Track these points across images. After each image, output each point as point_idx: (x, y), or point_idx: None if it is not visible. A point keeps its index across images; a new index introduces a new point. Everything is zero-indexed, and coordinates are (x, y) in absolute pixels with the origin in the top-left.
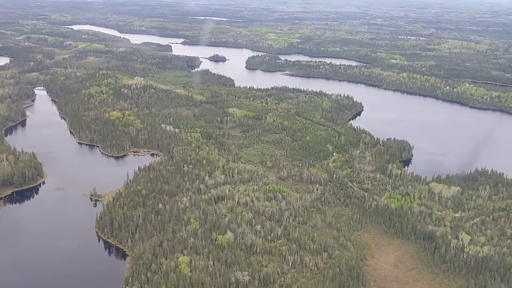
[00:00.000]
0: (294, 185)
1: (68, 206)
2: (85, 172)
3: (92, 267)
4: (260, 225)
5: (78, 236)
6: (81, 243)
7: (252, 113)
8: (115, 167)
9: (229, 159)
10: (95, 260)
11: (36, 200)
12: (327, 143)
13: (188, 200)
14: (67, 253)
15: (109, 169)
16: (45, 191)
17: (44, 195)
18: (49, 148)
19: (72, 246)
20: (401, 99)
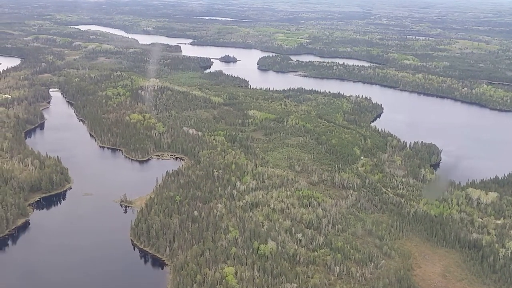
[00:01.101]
0: (327, 191)
1: (99, 212)
2: (111, 177)
3: (130, 277)
4: (300, 234)
5: (112, 244)
6: (116, 252)
7: (273, 116)
8: (141, 171)
9: (257, 164)
10: (132, 270)
11: (65, 207)
12: (354, 147)
13: (224, 207)
14: (103, 262)
15: (135, 174)
16: (74, 197)
17: (73, 201)
18: (71, 152)
19: (107, 254)
20: (419, 100)
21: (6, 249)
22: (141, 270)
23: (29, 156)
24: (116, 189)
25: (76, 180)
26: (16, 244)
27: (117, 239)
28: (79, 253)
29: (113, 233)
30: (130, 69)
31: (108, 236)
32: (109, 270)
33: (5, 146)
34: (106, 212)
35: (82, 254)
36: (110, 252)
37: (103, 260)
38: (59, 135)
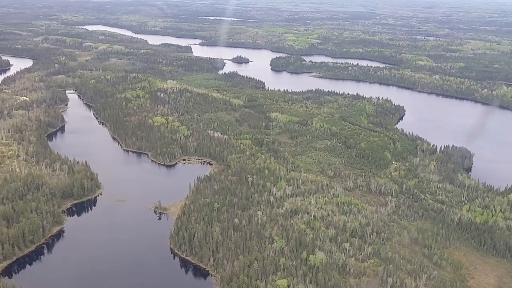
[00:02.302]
0: (363, 197)
1: (133, 219)
2: (140, 182)
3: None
4: (347, 243)
5: (151, 252)
6: (155, 260)
7: (297, 118)
8: (170, 176)
9: (289, 168)
10: (174, 279)
11: (98, 214)
12: (385, 151)
13: (265, 215)
14: (143, 271)
15: (164, 179)
16: (106, 203)
17: (106, 208)
18: (96, 156)
19: (146, 263)
20: (439, 102)
21: (43, 258)
22: (184, 280)
23: (57, 161)
24: (147, 195)
25: (105, 186)
26: (53, 253)
27: (155, 247)
28: (118, 262)
29: (150, 241)
30: (144, 70)
31: (145, 244)
32: (150, 279)
33: (30, 150)
34: (140, 219)
35: (121, 263)
36: (150, 261)
37: (143, 269)
38: (81, 139)
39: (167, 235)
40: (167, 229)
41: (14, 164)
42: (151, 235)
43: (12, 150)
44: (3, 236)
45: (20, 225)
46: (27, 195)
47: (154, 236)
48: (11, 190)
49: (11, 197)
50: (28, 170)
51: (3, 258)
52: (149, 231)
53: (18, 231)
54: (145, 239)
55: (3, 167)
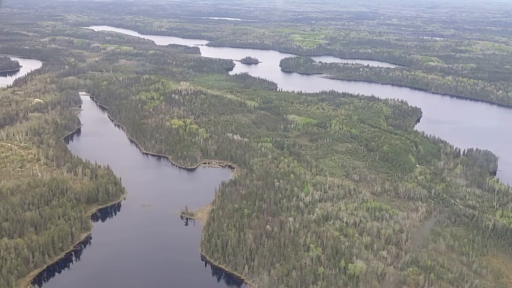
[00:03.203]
0: (392, 202)
1: (160, 225)
2: (163, 186)
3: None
4: (384, 251)
5: (182, 259)
6: (187, 268)
7: (315, 121)
8: (192, 180)
9: (314, 173)
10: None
11: (125, 219)
12: (408, 154)
13: (297, 221)
14: (174, 279)
15: (187, 183)
16: (131, 208)
17: (131, 213)
18: (116, 160)
19: (178, 270)
20: (454, 103)
21: (72, 266)
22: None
23: (79, 165)
24: (171, 199)
25: (128, 190)
26: (81, 260)
27: (185, 254)
28: (148, 269)
29: (180, 248)
30: (155, 72)
31: (175, 251)
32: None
33: (50, 154)
34: (167, 224)
35: (151, 270)
36: (181, 268)
37: (174, 276)
38: (99, 142)
39: (197, 241)
40: (196, 235)
41: (35, 168)
42: (180, 242)
43: (31, 154)
44: (33, 244)
45: (49, 232)
46: (52, 201)
47: (183, 242)
48: (36, 195)
49: (37, 203)
50: (50, 174)
51: (33, 266)
52: (177, 237)
53: (48, 238)
54: (174, 245)
55: (24, 171)
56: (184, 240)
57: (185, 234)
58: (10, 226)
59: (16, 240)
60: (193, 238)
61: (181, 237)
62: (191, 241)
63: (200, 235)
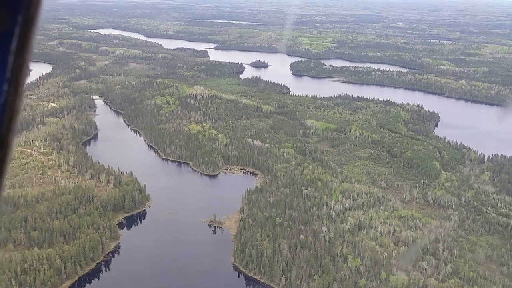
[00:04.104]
0: (422, 210)
1: (189, 234)
2: (186, 193)
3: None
4: (423, 261)
5: (213, 270)
6: (219, 279)
7: (334, 125)
8: (216, 187)
9: (340, 179)
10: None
11: (152, 227)
12: (432, 160)
13: (331, 231)
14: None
15: (210, 190)
16: (157, 216)
17: (158, 222)
18: (137, 166)
19: (211, 281)
20: (469, 108)
21: (103, 277)
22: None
23: (102, 171)
24: (197, 207)
25: (152, 197)
26: (112, 270)
27: (217, 264)
28: (180, 279)
29: (211, 257)
30: (166, 75)
31: (206, 260)
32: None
33: (71, 160)
34: (195, 233)
35: (183, 280)
36: (213, 279)
37: (208, 286)
38: (117, 147)
39: (227, 250)
40: (226, 244)
41: (57, 175)
42: (210, 251)
43: (52, 160)
44: (65, 254)
45: (80, 241)
46: (79, 209)
47: (213, 251)
48: (62, 204)
49: (64, 211)
50: (72, 181)
51: (66, 277)
52: (207, 247)
53: (79, 248)
54: (205, 254)
55: (46, 178)
56: (214, 249)
57: (215, 243)
58: (39, 235)
59: (47, 250)
60: (223, 248)
61: (211, 246)
62: (222, 251)
63: (231, 244)
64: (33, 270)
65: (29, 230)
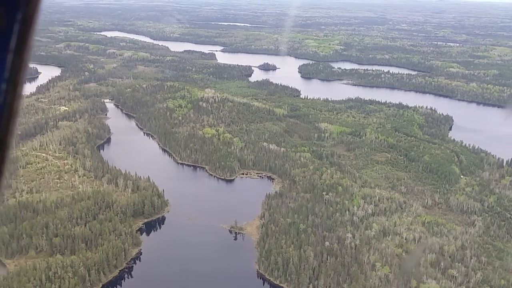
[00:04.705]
0: (445, 215)
1: (210, 240)
2: (204, 198)
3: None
4: (452, 269)
5: (238, 277)
6: (244, 286)
7: (349, 129)
8: (233, 192)
9: (359, 184)
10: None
11: (172, 233)
12: (451, 164)
13: (357, 237)
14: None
15: (228, 195)
16: (177, 222)
17: (179, 227)
18: (153, 170)
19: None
20: (482, 111)
21: (126, 284)
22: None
23: (119, 176)
24: (216, 212)
25: (170, 202)
26: (135, 277)
27: (240, 271)
28: (205, 285)
29: (234, 264)
30: (176, 78)
31: (229, 267)
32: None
33: (87, 165)
34: (217, 239)
35: (208, 287)
36: (238, 286)
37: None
38: (131, 151)
39: (250, 257)
40: (248, 251)
41: (74, 180)
42: (233, 257)
43: (68, 164)
44: (89, 262)
45: (103, 248)
46: (99, 215)
47: (236, 258)
48: (83, 209)
49: (85, 217)
50: (90, 186)
51: (90, 285)
52: (229, 253)
53: (102, 255)
54: (228, 261)
55: (63, 182)
56: (237, 256)
57: (237, 249)
58: (61, 242)
59: (71, 258)
60: (246, 254)
61: (233, 253)
62: (244, 257)
63: (253, 250)
64: (58, 278)
65: (51, 236)
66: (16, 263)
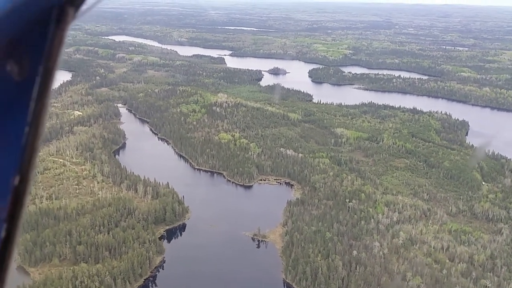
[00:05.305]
0: (470, 223)
1: (233, 247)
2: (224, 205)
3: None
4: (485, 279)
5: (264, 286)
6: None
7: (365, 134)
8: (253, 198)
9: (381, 191)
10: None
11: (195, 241)
12: (472, 171)
13: (385, 246)
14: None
15: (248, 201)
16: (198, 229)
17: (200, 234)
18: (170, 176)
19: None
20: (497, 116)
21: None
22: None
23: (138, 182)
24: (237, 219)
25: (191, 209)
26: (160, 287)
27: (267, 280)
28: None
29: (260, 273)
30: (187, 83)
31: (255, 276)
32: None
33: (105, 170)
34: (240, 247)
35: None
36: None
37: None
38: (147, 156)
39: (275, 266)
40: (273, 260)
41: (93, 186)
42: (258, 266)
43: (86, 170)
44: (115, 270)
45: (128, 256)
46: (121, 222)
47: (261, 267)
48: (105, 216)
49: (107, 224)
50: (110, 192)
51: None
52: (253, 261)
53: (128, 264)
54: (253, 270)
55: (81, 188)
56: (262, 265)
57: (261, 257)
58: (85, 250)
59: (96, 266)
60: (270, 263)
61: (258, 261)
62: (270, 266)
63: (278, 259)
64: (84, 287)
65: (74, 244)
66: (40, 271)
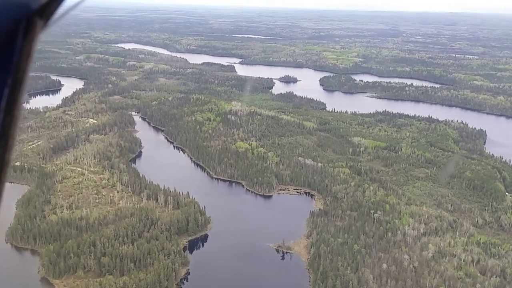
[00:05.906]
0: (497, 235)
1: (258, 259)
2: (245, 215)
3: None
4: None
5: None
6: None
7: (383, 144)
8: (274, 209)
9: (405, 202)
10: None
11: (219, 252)
12: (495, 181)
13: (415, 259)
14: None
15: (269, 212)
16: (222, 240)
17: (224, 246)
18: (189, 185)
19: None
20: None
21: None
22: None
23: (159, 191)
24: (259, 229)
25: (212, 219)
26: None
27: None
28: None
29: (288, 286)
30: (199, 91)
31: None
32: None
33: (124, 180)
34: (264, 259)
35: None
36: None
37: None
38: (164, 165)
39: (301, 279)
40: (299, 272)
41: (112, 195)
42: (284, 279)
43: (105, 179)
44: (142, 283)
45: (155, 268)
46: (144, 232)
47: (288, 279)
48: (128, 227)
49: (131, 235)
50: (130, 202)
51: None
52: (280, 274)
53: (154, 276)
54: (280, 283)
55: (101, 198)
56: (289, 277)
57: (287, 270)
58: (110, 261)
59: (123, 279)
60: (297, 275)
61: (284, 274)
62: (296, 279)
63: (304, 271)
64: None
65: (99, 255)
66: (65, 283)
